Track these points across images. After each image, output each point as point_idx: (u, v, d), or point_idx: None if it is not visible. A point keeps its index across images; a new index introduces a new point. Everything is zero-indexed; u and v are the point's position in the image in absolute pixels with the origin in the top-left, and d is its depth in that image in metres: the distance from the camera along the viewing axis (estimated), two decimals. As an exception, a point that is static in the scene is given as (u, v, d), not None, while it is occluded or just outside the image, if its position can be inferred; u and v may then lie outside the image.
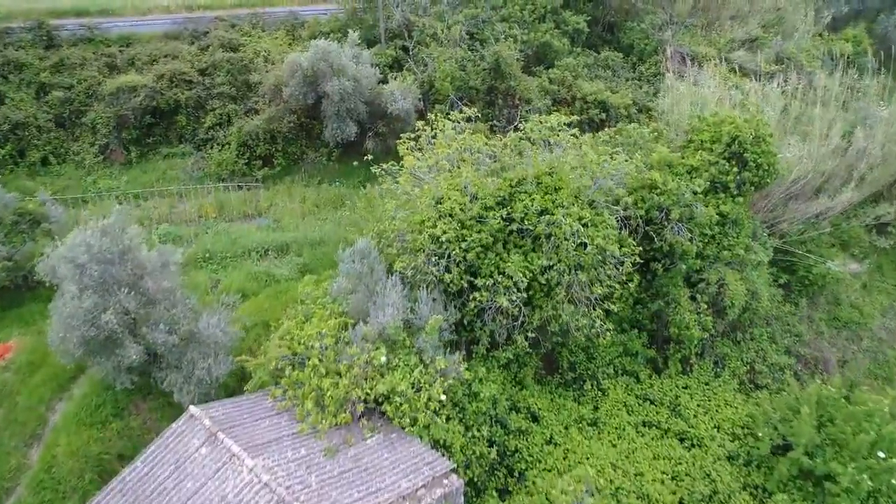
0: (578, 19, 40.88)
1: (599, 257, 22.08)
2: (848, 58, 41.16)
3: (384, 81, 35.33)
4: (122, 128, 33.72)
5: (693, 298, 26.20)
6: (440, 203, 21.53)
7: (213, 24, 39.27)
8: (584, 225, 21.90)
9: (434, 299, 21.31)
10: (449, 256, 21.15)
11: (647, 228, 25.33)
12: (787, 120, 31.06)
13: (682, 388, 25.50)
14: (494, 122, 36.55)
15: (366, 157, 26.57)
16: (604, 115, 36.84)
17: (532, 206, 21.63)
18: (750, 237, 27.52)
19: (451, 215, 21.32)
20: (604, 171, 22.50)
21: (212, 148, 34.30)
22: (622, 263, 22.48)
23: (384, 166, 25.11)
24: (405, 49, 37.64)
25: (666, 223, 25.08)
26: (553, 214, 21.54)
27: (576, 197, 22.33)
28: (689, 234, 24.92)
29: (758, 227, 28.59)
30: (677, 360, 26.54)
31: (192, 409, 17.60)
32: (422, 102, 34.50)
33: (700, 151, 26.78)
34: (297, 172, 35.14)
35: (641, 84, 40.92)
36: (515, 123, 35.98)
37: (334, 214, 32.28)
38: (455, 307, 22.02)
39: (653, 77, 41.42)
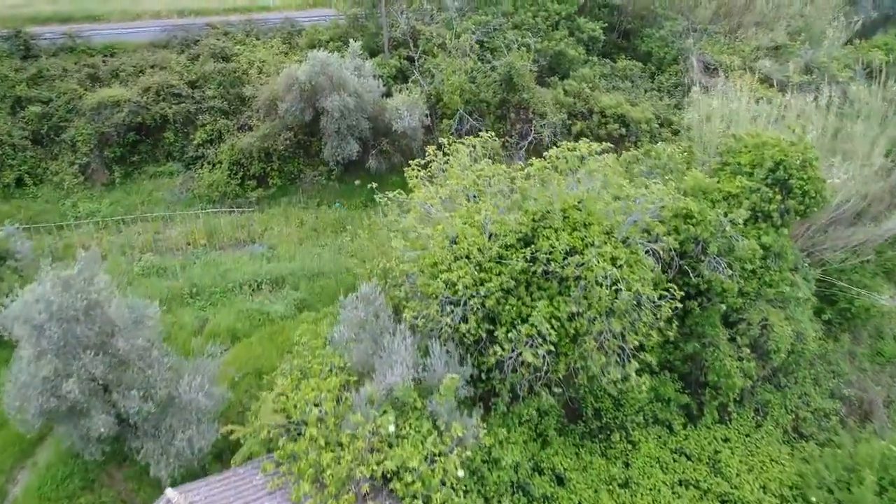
0: (594, 26, 38.34)
1: (634, 302, 19.52)
2: (881, 67, 38.65)
3: (388, 94, 32.79)
4: (105, 146, 31.12)
5: (732, 340, 23.67)
6: (455, 243, 18.97)
7: (205, 32, 36.69)
8: (618, 266, 19.35)
9: (448, 351, 18.77)
10: (465, 304, 18.59)
11: (680, 262, 22.82)
12: (827, 138, 28.51)
13: (722, 440, 22.97)
14: (507, 137, 34.00)
15: (370, 186, 23.93)
16: (623, 130, 34.31)
17: (558, 244, 19.08)
18: (791, 269, 25.01)
19: (467, 257, 18.77)
20: (641, 206, 19.93)
21: (202, 167, 31.71)
22: (659, 308, 19.92)
23: (390, 195, 22.54)
24: (410, 59, 35.08)
25: (703, 257, 22.59)
26: (583, 255, 19.00)
27: (608, 234, 19.76)
28: (730, 270, 22.38)
29: (799, 258, 26.06)
30: (714, 408, 24.01)
31: (168, 492, 15.04)
32: (428, 118, 31.95)
33: (738, 176, 24.24)
34: (294, 193, 32.57)
35: (662, 95, 38.42)
36: (529, 139, 33.54)
37: (335, 240, 29.73)
38: (472, 358, 19.48)
39: (673, 88, 38.93)
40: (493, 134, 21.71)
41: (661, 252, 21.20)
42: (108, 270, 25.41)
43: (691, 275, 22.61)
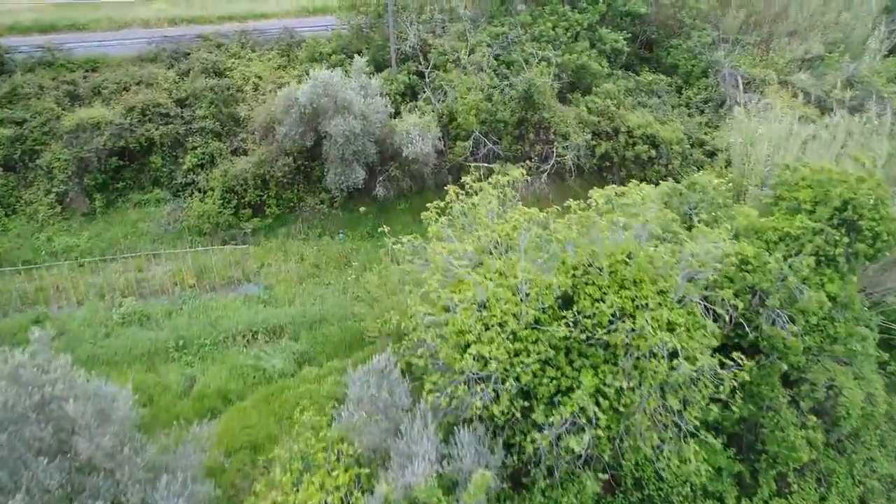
0: (617, 37, 35.43)
1: (694, 373, 16.65)
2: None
3: (396, 113, 29.90)
4: (84, 172, 28.18)
5: (793, 402, 20.81)
6: (485, 307, 16.06)
7: (196, 45, 33.72)
8: (675, 332, 16.48)
9: (476, 431, 15.91)
10: (498, 381, 15.70)
11: (734, 313, 19.94)
12: (892, 165, 25.67)
13: (784, 520, 20.09)
14: (526, 160, 31.09)
15: (382, 230, 21.01)
16: (653, 152, 31.42)
17: (604, 306, 16.20)
18: (855, 319, 22.15)
19: (500, 324, 15.87)
20: (704, 261, 17.00)
21: (192, 195, 28.77)
22: (722, 380, 17.06)
23: (405, 240, 19.61)
24: (420, 74, 32.15)
25: (761, 309, 19.74)
26: (634, 319, 16.13)
27: (661, 292, 16.87)
28: (792, 326, 19.52)
29: (861, 306, 23.19)
30: (771, 478, 21.11)
31: None
32: (441, 140, 29.03)
33: (798, 215, 21.35)
34: (293, 222, 29.63)
35: (691, 112, 35.53)
36: (551, 163, 30.65)
37: (339, 277, 26.83)
38: (503, 440, 16.61)
39: (703, 103, 36.05)
40: (523, 171, 18.84)
41: (712, 301, 18.40)
42: (84, 319, 22.55)
43: (747, 328, 19.77)
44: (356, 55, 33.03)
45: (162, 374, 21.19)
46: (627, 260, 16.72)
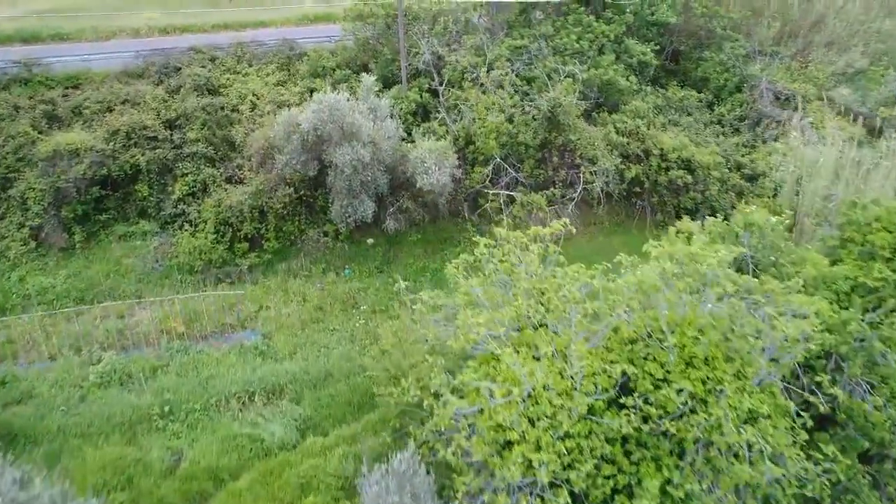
0: (644, 49, 32.59)
1: (783, 476, 13.88)
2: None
3: (407, 133, 27.10)
4: (62, 203, 25.35)
5: (873, 480, 18.04)
6: (530, 399, 13.26)
7: (187, 58, 30.88)
8: (756, 424, 13.74)
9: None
10: (545, 489, 12.93)
11: (804, 380, 17.18)
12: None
13: None
14: (550, 188, 28.30)
15: (398, 287, 18.17)
16: (689, 178, 28.62)
17: (671, 392, 13.46)
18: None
19: (549, 416, 13.09)
20: (790, 335, 14.19)
21: (182, 227, 25.95)
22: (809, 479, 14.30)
23: (424, 297, 16.76)
24: (433, 92, 29.34)
25: (837, 377, 16.97)
26: (707, 408, 13.39)
27: (738, 374, 14.10)
28: (875, 397, 16.76)
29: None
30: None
31: None
32: (459, 167, 26.23)
33: (874, 262, 18.58)
34: (293, 256, 26.82)
35: (724, 131, 32.72)
36: (578, 190, 27.83)
37: (345, 322, 24.04)
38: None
39: (738, 121, 33.23)
40: (566, 221, 16.05)
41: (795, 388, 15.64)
42: (56, 381, 19.74)
43: (819, 396, 16.98)
44: (363, 72, 30.36)
45: (144, 447, 18.38)
46: (699, 336, 13.93)
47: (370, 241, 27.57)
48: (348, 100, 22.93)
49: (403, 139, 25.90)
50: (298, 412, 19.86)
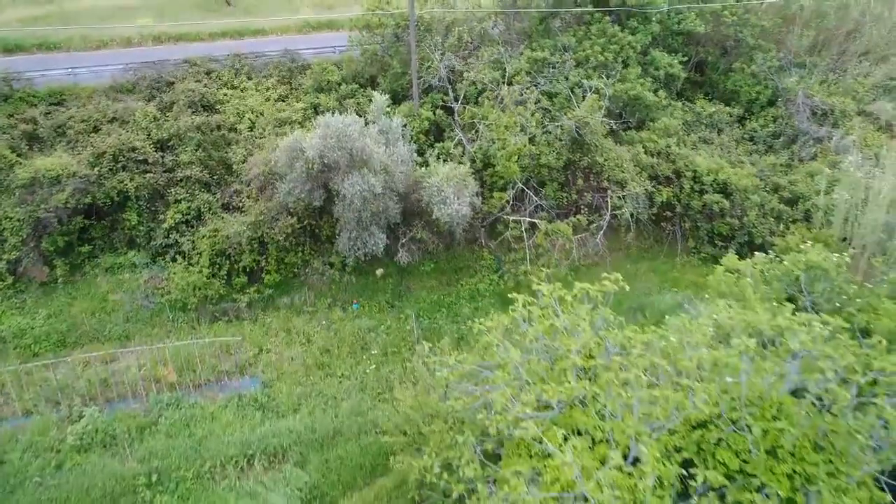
0: (672, 61, 30.35)
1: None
2: None
3: (419, 154, 24.83)
4: (42, 234, 23.07)
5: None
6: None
7: (181, 71, 28.60)
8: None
9: None
10: None
11: None
12: None
13: None
14: (576, 212, 26.06)
15: (421, 348, 15.88)
16: (725, 203, 26.37)
17: (754, 496, 11.23)
18: None
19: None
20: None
21: (174, 259, 23.69)
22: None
23: (451, 361, 14.47)
24: (447, 109, 27.09)
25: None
26: (797, 509, 11.15)
27: (833, 472, 11.82)
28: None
29: None
30: None
31: None
32: (479, 194, 23.97)
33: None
34: (296, 289, 24.58)
35: (758, 148, 30.46)
36: (606, 218, 25.55)
37: (355, 367, 21.78)
38: None
39: (771, 138, 30.98)
40: (618, 276, 13.82)
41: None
42: (30, 444, 17.45)
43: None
44: (370, 86, 28.16)
45: (127, 524, 16.12)
46: (791, 430, 11.61)
47: (380, 271, 25.29)
48: (356, 120, 20.59)
49: (416, 162, 23.60)
50: (303, 479, 17.59)
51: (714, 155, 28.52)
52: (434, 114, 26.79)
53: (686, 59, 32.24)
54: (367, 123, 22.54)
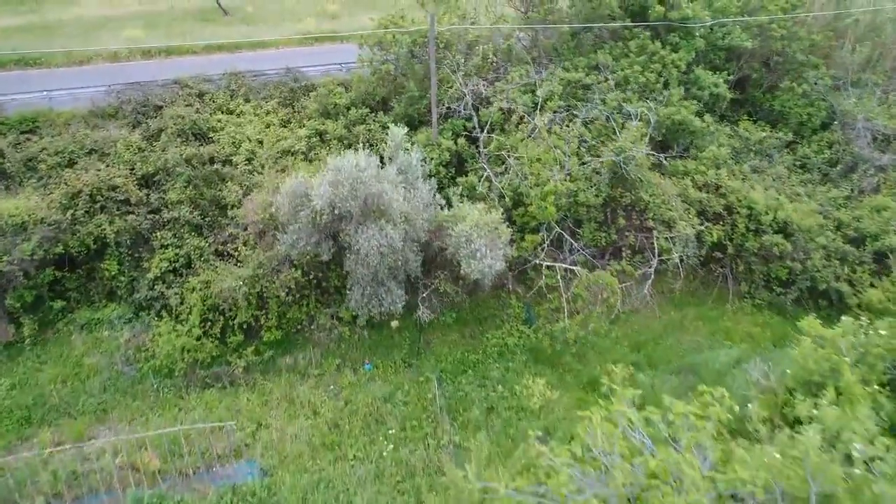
0: (717, 80, 27.26)
1: None
2: None
3: (439, 189, 21.67)
4: (7, 289, 19.93)
5: None
6: None
7: (171, 93, 25.51)
8: None
9: None
10: None
11: None
12: None
13: None
14: (619, 257, 22.97)
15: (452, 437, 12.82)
16: (787, 245, 23.27)
17: None
18: None
19: None
20: None
21: (160, 315, 20.57)
22: None
23: (501, 491, 11.37)
24: (470, 138, 23.99)
25: None
26: None
27: None
28: None
29: None
30: None
31: None
32: (512, 242, 20.80)
33: None
34: (300, 349, 21.47)
35: (812, 178, 27.32)
36: (654, 265, 22.44)
37: (369, 446, 18.64)
38: None
39: (827, 165, 27.86)
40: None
41: None
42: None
43: None
44: (381, 110, 25.07)
45: None
46: None
47: (395, 324, 22.13)
48: (373, 164, 17.44)
49: (443, 206, 20.43)
50: None
51: (767, 187, 25.43)
52: (455, 143, 23.68)
53: (730, 76, 29.13)
54: (382, 160, 19.43)
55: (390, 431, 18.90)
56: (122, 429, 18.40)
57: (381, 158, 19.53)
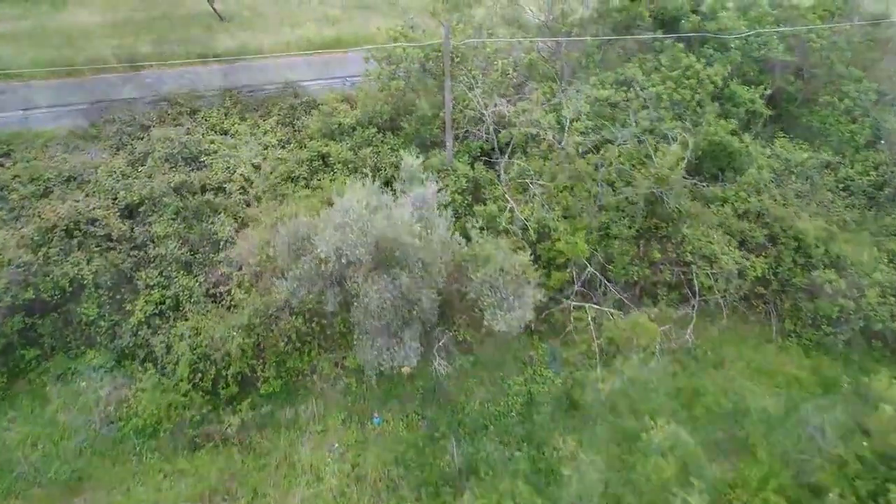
0: (753, 95, 25.02)
1: None
2: None
3: (456, 219, 19.39)
4: (-30, 338, 17.72)
5: None
6: None
7: (158, 112, 23.25)
8: None
9: None
10: None
11: None
12: None
13: None
14: (656, 295, 20.75)
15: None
16: (841, 283, 21.01)
17: None
18: None
19: None
20: None
21: (143, 364, 18.33)
22: None
23: None
24: (489, 162, 21.74)
25: None
26: None
27: None
28: None
29: None
30: None
31: None
32: (539, 284, 18.54)
33: None
34: (301, 401, 19.18)
35: (857, 202, 25.05)
36: (694, 305, 20.22)
37: (380, 520, 16.42)
38: None
39: (873, 188, 25.57)
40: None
41: None
42: None
43: None
44: (390, 132, 22.84)
45: None
46: None
47: (406, 369, 19.88)
48: (385, 204, 15.18)
49: (464, 240, 18.16)
50: None
51: (812, 213, 23.19)
52: (472, 167, 21.44)
53: (766, 90, 26.86)
54: (394, 192, 17.18)
55: (403, 497, 16.65)
56: (99, 500, 16.14)
57: (390, 186, 17.26)
